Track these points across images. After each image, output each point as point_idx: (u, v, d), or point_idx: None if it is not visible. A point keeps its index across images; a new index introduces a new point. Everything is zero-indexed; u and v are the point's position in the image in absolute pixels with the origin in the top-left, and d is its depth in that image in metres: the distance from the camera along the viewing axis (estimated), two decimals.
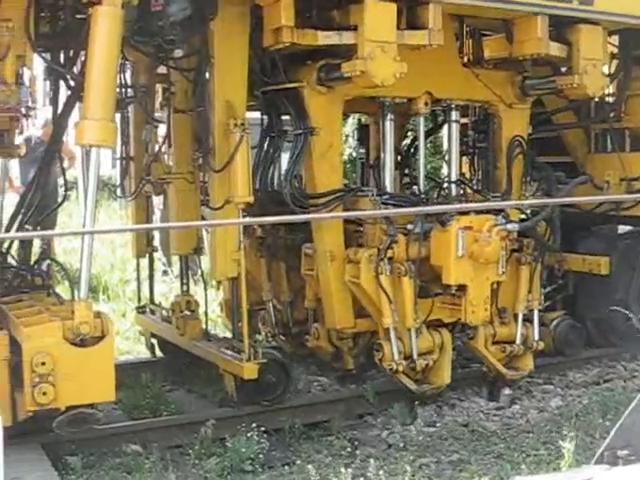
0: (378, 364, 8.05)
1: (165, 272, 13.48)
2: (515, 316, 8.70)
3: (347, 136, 14.75)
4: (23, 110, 7.18)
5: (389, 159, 8.42)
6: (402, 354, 7.94)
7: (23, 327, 6.08)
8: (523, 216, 8.95)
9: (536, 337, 8.78)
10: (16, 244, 7.81)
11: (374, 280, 7.80)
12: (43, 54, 7.40)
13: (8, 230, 7.56)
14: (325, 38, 7.35)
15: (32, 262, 7.67)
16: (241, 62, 7.53)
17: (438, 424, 7.92)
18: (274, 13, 7.15)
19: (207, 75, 7.62)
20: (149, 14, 6.96)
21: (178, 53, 7.54)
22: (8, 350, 6.27)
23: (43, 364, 5.95)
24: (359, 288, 7.90)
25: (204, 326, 8.82)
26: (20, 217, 7.58)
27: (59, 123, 7.78)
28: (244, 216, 7.39)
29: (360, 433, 7.81)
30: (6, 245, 7.54)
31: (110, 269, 13.82)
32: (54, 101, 7.80)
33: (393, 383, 8.16)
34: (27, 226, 7.49)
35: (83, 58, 7.08)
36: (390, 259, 7.83)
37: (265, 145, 8.44)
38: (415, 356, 7.98)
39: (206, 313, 8.87)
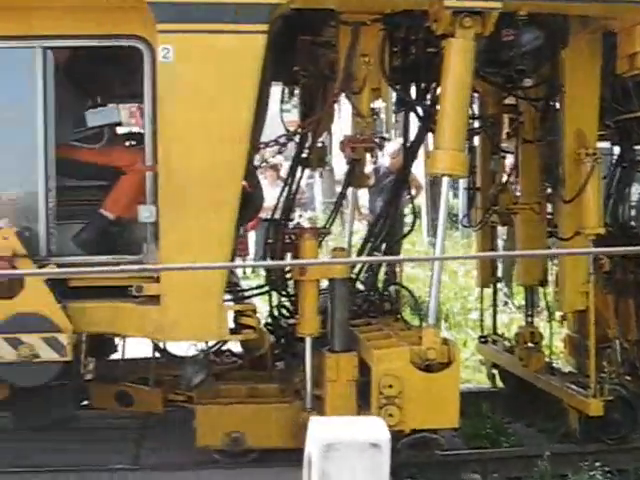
0: None
1: (506, 303, 13.40)
2: None
3: None
4: (377, 141, 7.43)
5: None
6: None
7: (373, 350, 6.28)
8: None
9: None
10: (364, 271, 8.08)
11: None
12: (395, 87, 7.66)
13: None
14: None
15: (380, 287, 7.90)
16: (592, 90, 7.39)
17: None
18: (629, 39, 6.92)
19: (557, 104, 7.54)
20: (499, 44, 6.98)
21: (527, 83, 7.52)
22: (357, 371, 6.52)
23: (391, 387, 6.09)
24: None
25: (547, 359, 8.67)
26: (369, 245, 7.85)
27: (409, 154, 7.99)
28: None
29: None
30: (356, 271, 7.82)
31: (452, 298, 13.95)
32: (404, 132, 8.03)
33: None
34: (376, 253, 7.75)
35: (432, 90, 7.27)
36: None
37: (616, 176, 8.20)
38: None
39: (550, 346, 8.72)
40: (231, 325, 6.66)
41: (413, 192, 11.46)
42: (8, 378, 6.32)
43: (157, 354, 7.29)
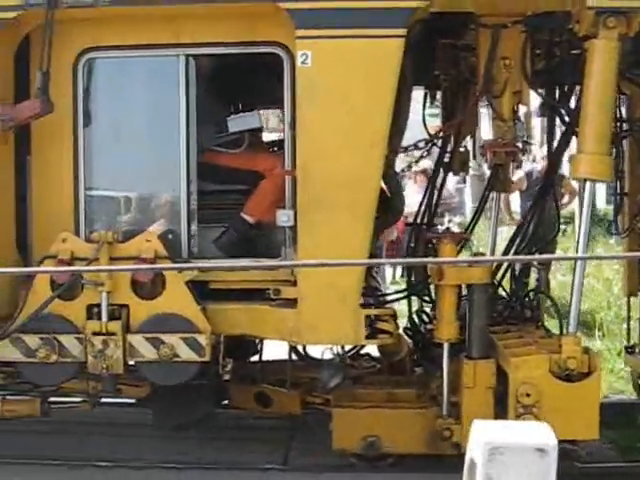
0: None
1: None
2: None
3: None
4: (519, 145, 7.31)
5: None
6: None
7: (511, 357, 6.18)
8: None
9: None
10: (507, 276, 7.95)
11: None
12: (538, 90, 7.51)
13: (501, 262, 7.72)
14: None
15: (522, 294, 7.75)
16: None
17: None
18: None
19: None
20: None
21: None
22: (494, 378, 6.42)
23: (528, 395, 6.00)
24: None
25: None
26: (514, 249, 7.71)
27: (554, 158, 7.82)
28: None
29: None
30: (498, 276, 7.71)
31: (606, 306, 13.56)
32: (549, 136, 7.87)
33: None
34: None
35: (578, 92, 7.09)
36: None
37: None
38: None
39: None
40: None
41: (567, 197, 11.28)
42: (149, 376, 6.53)
43: (294, 356, 7.38)
